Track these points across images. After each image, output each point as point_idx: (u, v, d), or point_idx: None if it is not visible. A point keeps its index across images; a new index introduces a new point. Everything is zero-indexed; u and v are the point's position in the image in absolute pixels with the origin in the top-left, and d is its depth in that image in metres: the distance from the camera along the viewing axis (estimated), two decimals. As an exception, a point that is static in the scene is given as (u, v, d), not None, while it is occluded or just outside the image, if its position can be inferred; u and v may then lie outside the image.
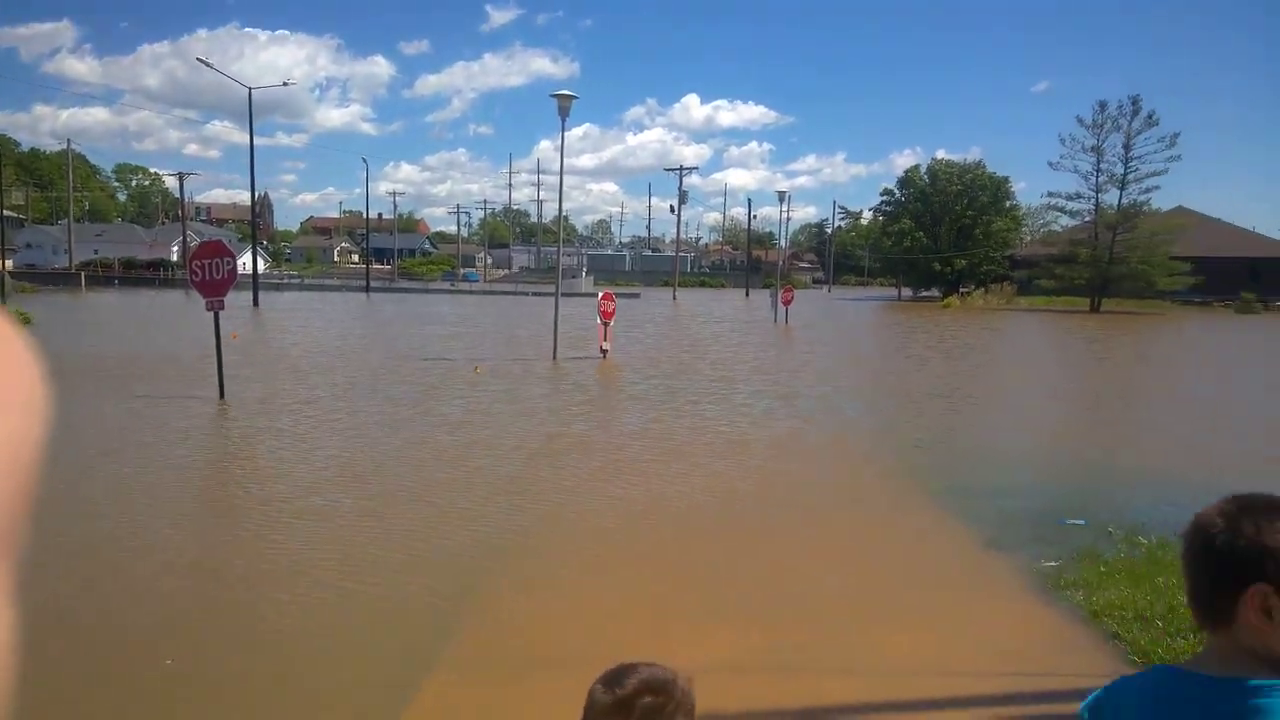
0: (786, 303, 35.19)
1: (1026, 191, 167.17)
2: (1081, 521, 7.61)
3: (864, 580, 6.34)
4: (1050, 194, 62.95)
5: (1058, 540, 7.09)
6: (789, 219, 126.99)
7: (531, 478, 9.19)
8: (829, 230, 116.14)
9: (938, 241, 69.82)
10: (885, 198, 76.72)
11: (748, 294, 69.10)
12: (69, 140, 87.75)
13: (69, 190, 78.37)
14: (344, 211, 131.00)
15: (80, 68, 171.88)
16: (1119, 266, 54.67)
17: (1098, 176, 57.19)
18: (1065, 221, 64.68)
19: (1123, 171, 56.28)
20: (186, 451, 10.17)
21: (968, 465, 10.57)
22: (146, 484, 8.55)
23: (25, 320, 17.94)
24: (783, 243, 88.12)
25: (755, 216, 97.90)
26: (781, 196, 58.24)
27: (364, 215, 78.64)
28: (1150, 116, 54.74)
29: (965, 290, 66.66)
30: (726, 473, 9.60)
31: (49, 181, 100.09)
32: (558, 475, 9.32)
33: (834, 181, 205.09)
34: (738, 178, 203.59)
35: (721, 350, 24.34)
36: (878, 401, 15.95)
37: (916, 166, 74.36)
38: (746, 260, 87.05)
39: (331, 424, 11.87)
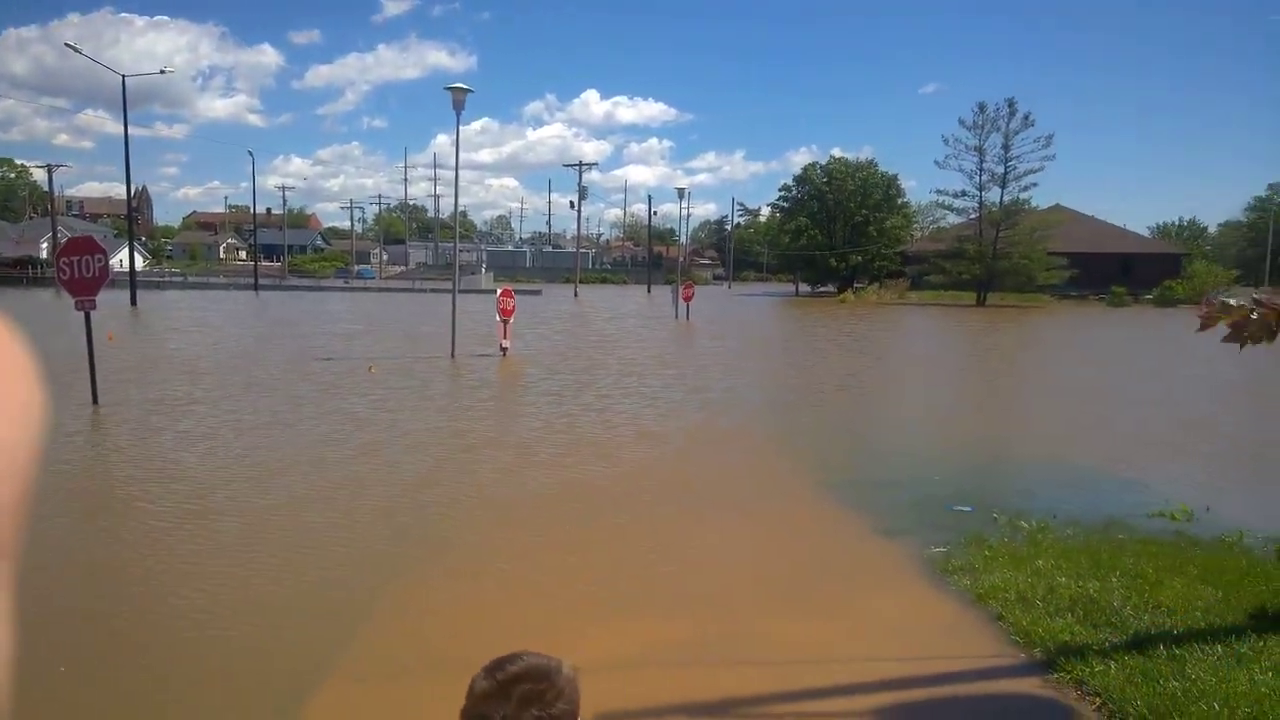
0: (687, 299, 35.52)
1: (917, 190, 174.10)
2: (968, 508, 7.91)
3: (765, 571, 6.43)
4: (938, 191, 65.63)
5: (947, 526, 7.35)
6: (689, 215, 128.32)
7: (439, 474, 9.01)
8: (729, 227, 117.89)
9: (833, 238, 71.73)
10: (783, 193, 78.32)
11: (649, 290, 69.49)
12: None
13: (-77, 182, 72.97)
14: (230, 206, 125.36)
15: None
16: (1003, 262, 57.33)
17: (981, 175, 59.89)
18: (953, 219, 67.51)
19: (1003, 170, 59.06)
20: (65, 458, 9.55)
21: (865, 456, 10.87)
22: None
23: None
24: (683, 239, 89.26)
25: (656, 213, 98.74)
26: (681, 193, 59.35)
27: (251, 210, 75.62)
28: (1027, 118, 57.67)
29: (860, 285, 68.81)
30: (626, 467, 9.61)
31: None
32: (467, 470, 9.21)
33: (733, 179, 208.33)
34: (638, 174, 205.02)
35: (626, 347, 24.38)
36: (778, 395, 16.26)
37: (814, 164, 76.09)
38: (648, 256, 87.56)
39: (235, 424, 11.35)
